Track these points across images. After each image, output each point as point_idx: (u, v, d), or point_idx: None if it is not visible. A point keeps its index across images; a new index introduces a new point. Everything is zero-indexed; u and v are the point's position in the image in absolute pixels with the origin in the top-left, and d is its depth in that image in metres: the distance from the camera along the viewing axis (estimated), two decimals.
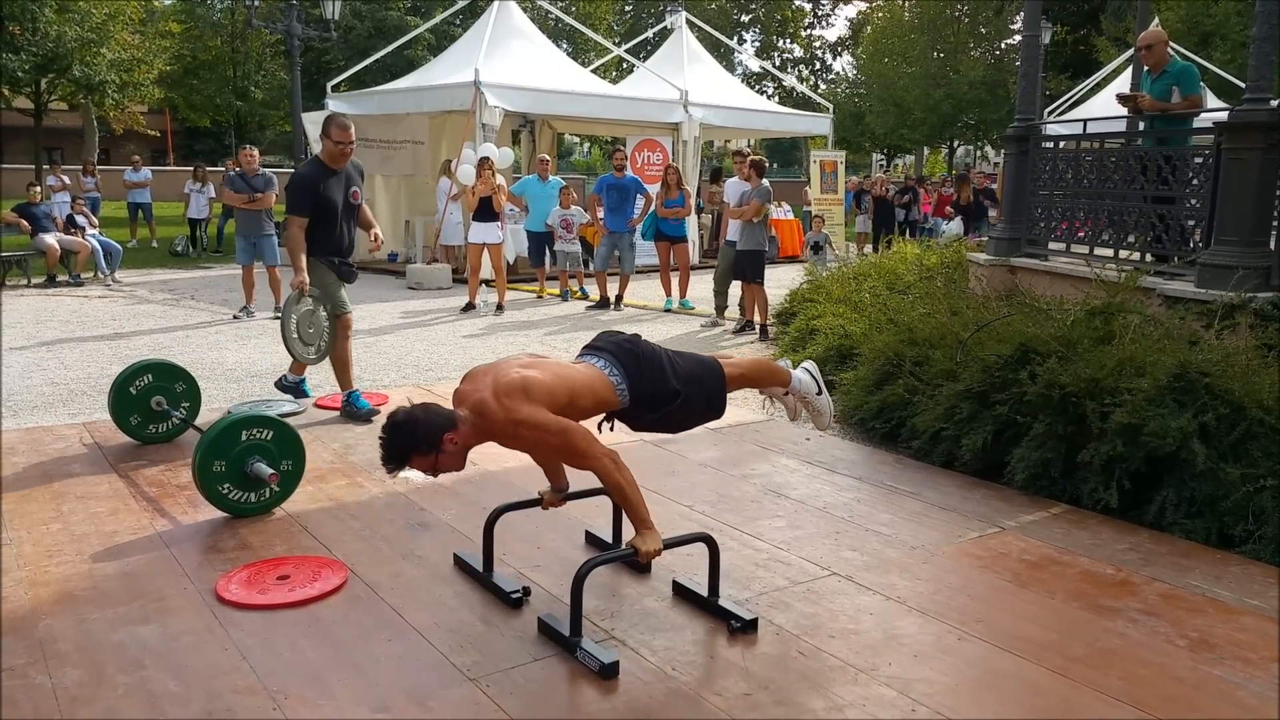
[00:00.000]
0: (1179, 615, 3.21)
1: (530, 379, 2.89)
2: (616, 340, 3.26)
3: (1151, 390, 4.08)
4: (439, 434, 2.83)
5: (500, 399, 2.84)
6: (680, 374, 3.19)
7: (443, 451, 2.84)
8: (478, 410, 2.87)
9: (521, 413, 2.83)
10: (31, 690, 2.65)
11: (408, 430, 2.82)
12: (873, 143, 37.40)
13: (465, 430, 2.89)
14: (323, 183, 5.43)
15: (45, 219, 12.05)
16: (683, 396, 3.16)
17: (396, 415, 2.85)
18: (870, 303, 7.15)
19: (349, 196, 5.58)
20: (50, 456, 4.78)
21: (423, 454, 2.83)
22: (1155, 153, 6.01)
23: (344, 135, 5.38)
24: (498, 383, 2.88)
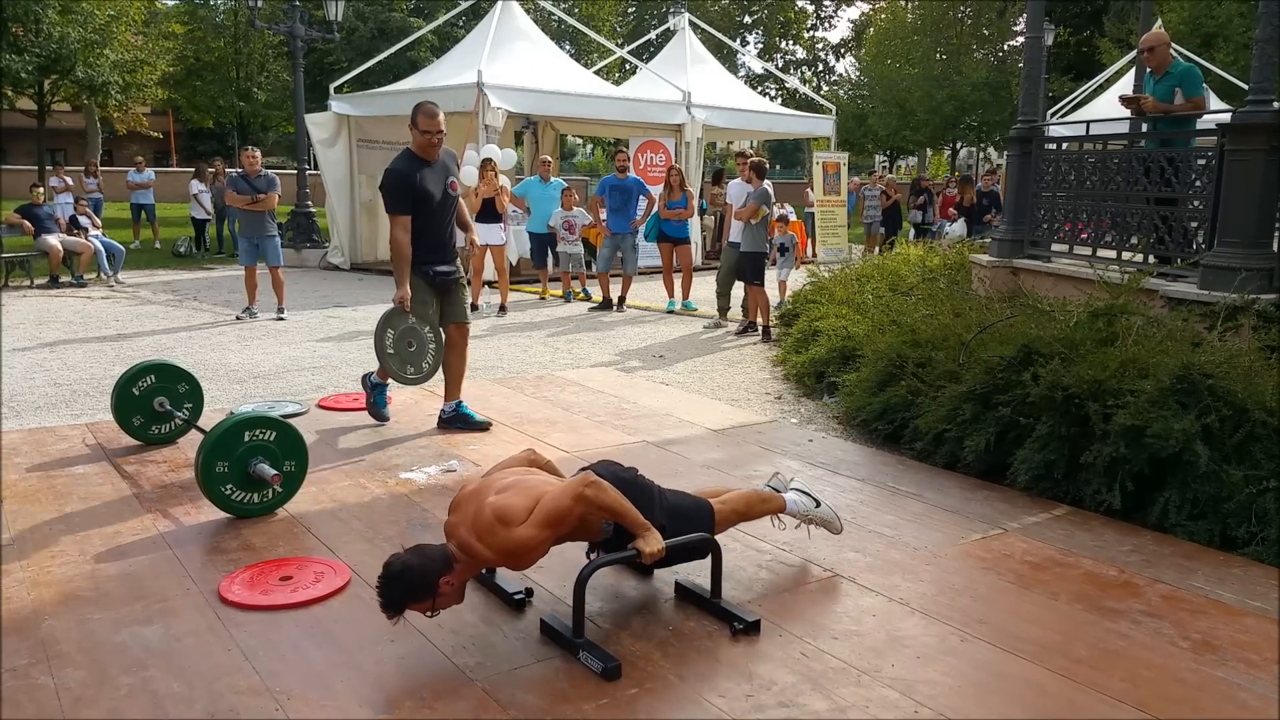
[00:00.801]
0: (1182, 617, 3.21)
1: (501, 508, 2.85)
2: (611, 468, 3.23)
3: (1154, 392, 4.08)
4: (434, 580, 2.81)
5: (483, 541, 2.85)
6: (668, 508, 3.19)
7: (440, 594, 2.83)
8: (466, 551, 2.88)
9: (505, 545, 2.84)
10: (34, 690, 2.66)
11: (404, 580, 2.79)
12: (875, 144, 37.41)
13: (459, 569, 2.88)
14: (418, 174, 5.03)
15: (48, 220, 12.08)
16: (666, 531, 3.11)
17: (392, 565, 2.80)
18: (873, 304, 7.16)
19: (448, 188, 5.19)
20: (53, 457, 4.78)
21: (419, 600, 2.81)
22: (1158, 154, 6.01)
23: (431, 124, 4.97)
24: (477, 524, 2.87)
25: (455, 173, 5.30)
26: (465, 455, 4.93)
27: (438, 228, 5.19)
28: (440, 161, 5.15)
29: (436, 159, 5.11)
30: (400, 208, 5.01)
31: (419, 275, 5.18)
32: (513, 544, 2.83)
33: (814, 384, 6.67)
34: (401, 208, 5.01)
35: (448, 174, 5.19)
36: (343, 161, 14.24)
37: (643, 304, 11.07)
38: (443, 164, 5.17)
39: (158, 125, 34.37)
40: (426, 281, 5.22)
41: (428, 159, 5.09)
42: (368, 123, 14.21)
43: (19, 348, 7.81)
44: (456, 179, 5.28)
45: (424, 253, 5.14)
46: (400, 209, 5.01)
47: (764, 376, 7.26)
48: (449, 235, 5.32)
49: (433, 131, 4.97)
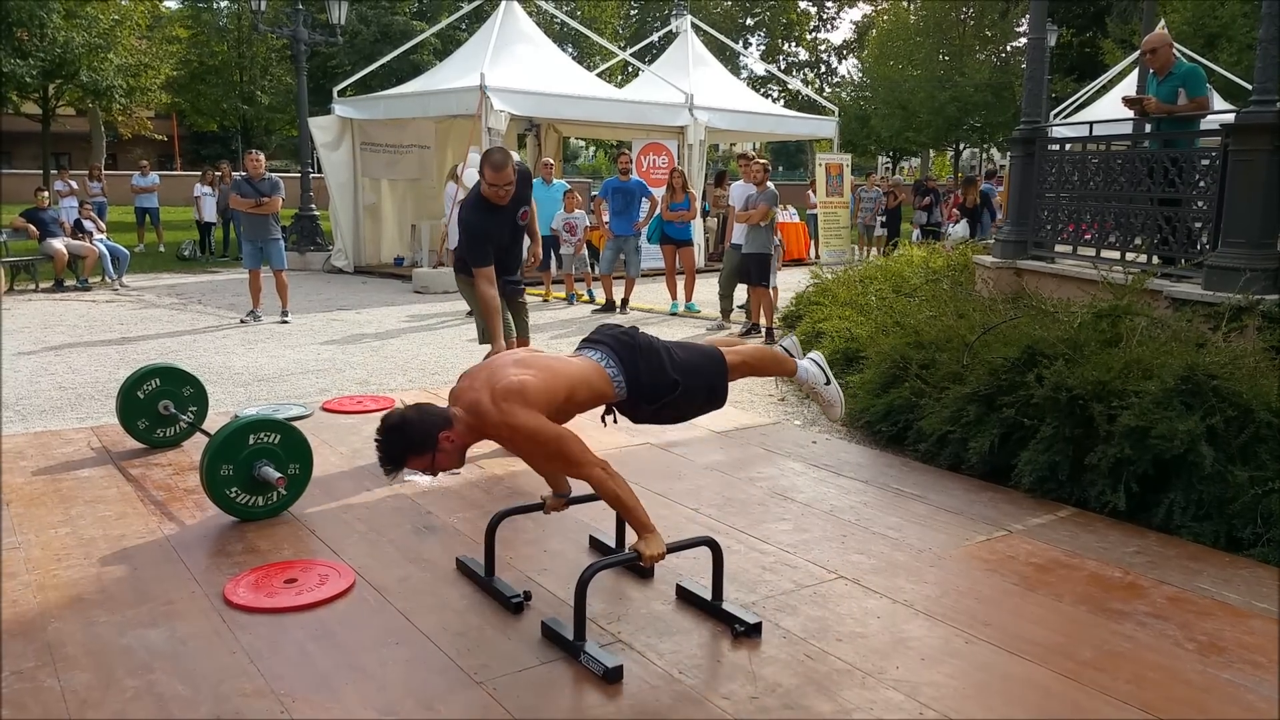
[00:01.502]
0: (1187, 618, 3.20)
1: (526, 384, 2.85)
2: (613, 333, 3.25)
3: (1159, 393, 4.07)
4: (434, 432, 2.82)
5: (497, 402, 2.82)
6: (679, 364, 3.18)
7: (440, 450, 2.83)
8: (473, 410, 2.86)
9: (518, 418, 2.81)
10: (40, 693, 2.66)
11: (402, 430, 2.81)
12: (878, 145, 37.37)
13: (460, 429, 2.88)
14: (494, 224, 4.96)
15: (53, 224, 12.11)
16: (682, 387, 3.15)
17: (390, 417, 2.83)
18: (876, 305, 7.16)
19: (517, 219, 5.12)
20: (58, 460, 4.80)
21: (419, 454, 2.81)
22: (1162, 155, 6.00)
23: (497, 178, 4.75)
24: (494, 386, 2.85)
25: (528, 198, 5.15)
26: (471, 455, 4.92)
27: (506, 252, 5.15)
28: (511, 204, 4.99)
29: (506, 202, 4.94)
30: (482, 261, 4.91)
31: None
32: (521, 422, 2.79)
33: None
34: (483, 261, 4.91)
35: (520, 205, 5.07)
36: (346, 165, 14.27)
37: (646, 306, 11.08)
38: (518, 197, 5.00)
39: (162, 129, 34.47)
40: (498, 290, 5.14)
41: (500, 204, 4.93)
42: (371, 126, 14.23)
43: (24, 351, 7.83)
44: (530, 207, 5.20)
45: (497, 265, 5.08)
46: (482, 262, 4.91)
47: (767, 379, 7.25)
48: (517, 257, 5.32)
49: (499, 185, 4.79)
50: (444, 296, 11.73)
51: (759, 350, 3.53)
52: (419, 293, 12.00)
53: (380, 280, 13.42)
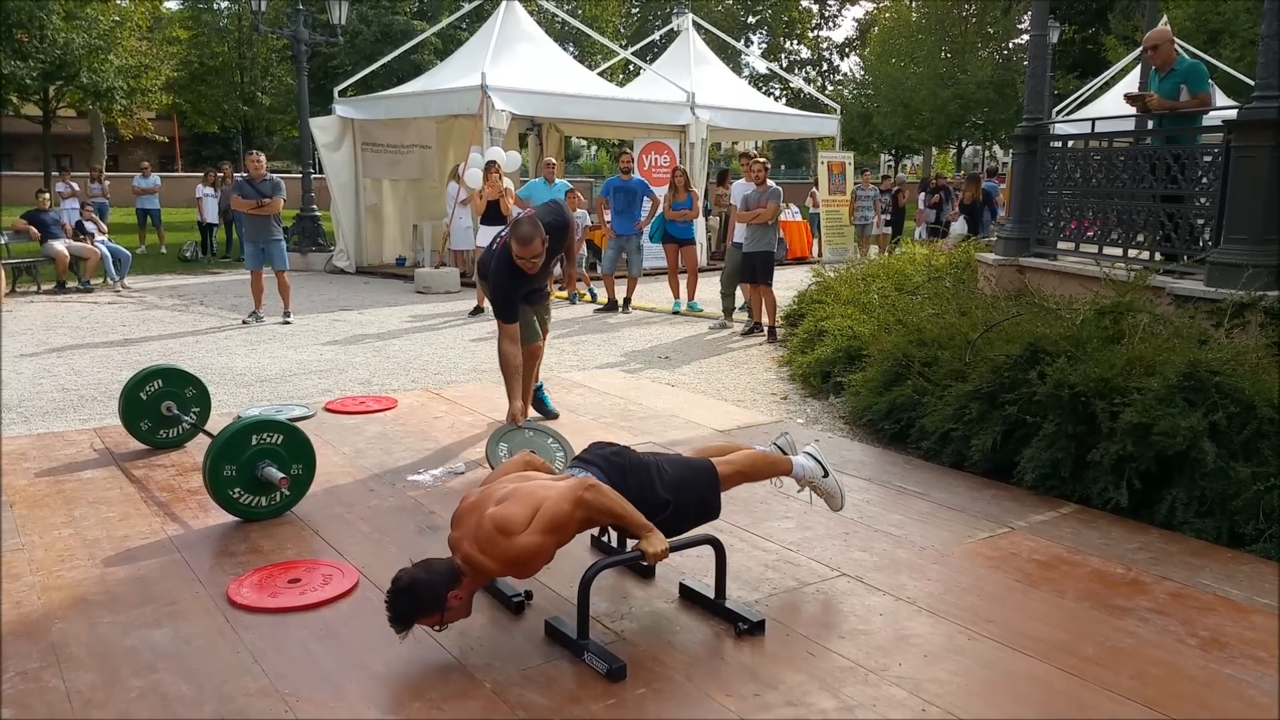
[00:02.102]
0: (1190, 614, 3.20)
1: (501, 519, 2.84)
2: (604, 453, 3.24)
3: (1161, 389, 4.07)
4: (442, 595, 2.82)
5: (486, 554, 2.84)
6: (669, 482, 3.18)
7: (448, 609, 2.83)
8: (470, 563, 2.88)
9: (509, 555, 2.82)
10: (45, 693, 2.67)
11: (413, 593, 2.80)
12: (880, 143, 37.35)
13: (466, 583, 2.89)
14: (523, 285, 4.98)
15: (54, 225, 12.13)
16: (673, 505, 3.13)
17: (400, 579, 2.81)
18: (879, 304, 7.16)
19: (548, 266, 5.17)
20: (61, 462, 4.81)
21: (428, 614, 2.82)
22: (1164, 151, 6.00)
23: (524, 251, 4.70)
24: (478, 537, 2.87)
25: (561, 248, 5.16)
26: (471, 458, 4.94)
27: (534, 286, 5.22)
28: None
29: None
30: (509, 319, 4.96)
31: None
32: (515, 553, 2.82)
33: (820, 384, 6.67)
34: (510, 319, 4.96)
35: (554, 255, 5.10)
36: (347, 165, 14.28)
37: (648, 305, 11.08)
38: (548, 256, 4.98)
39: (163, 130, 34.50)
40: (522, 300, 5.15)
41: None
42: (372, 126, 14.24)
43: (26, 353, 7.84)
44: (562, 254, 5.27)
45: None
46: (509, 320, 4.96)
47: (770, 377, 7.26)
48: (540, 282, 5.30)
49: (526, 258, 4.74)
50: (446, 297, 11.74)
51: (751, 457, 3.47)
52: (421, 293, 12.01)
53: (382, 281, 13.43)
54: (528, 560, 2.86)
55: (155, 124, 32.04)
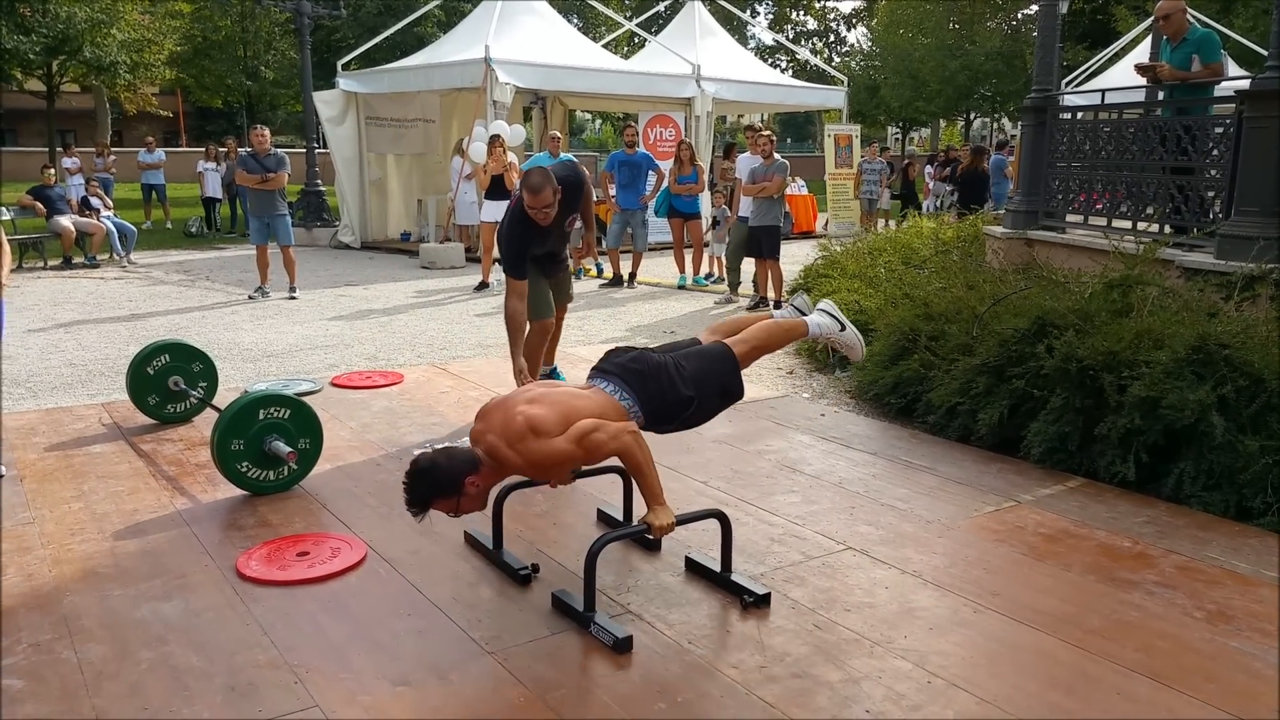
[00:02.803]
0: (1196, 587, 3.21)
1: (535, 418, 2.87)
2: (621, 361, 3.25)
3: (1170, 363, 4.05)
4: (460, 478, 2.85)
5: (513, 445, 2.87)
6: (688, 378, 3.20)
7: (464, 494, 2.86)
8: (493, 455, 2.91)
9: (535, 454, 2.86)
10: (58, 665, 2.69)
11: (429, 475, 2.84)
12: (888, 115, 37.09)
13: (485, 472, 2.91)
14: (536, 239, 4.89)
15: (60, 201, 12.12)
16: (696, 400, 3.19)
17: (419, 461, 2.86)
18: (885, 278, 7.13)
19: (563, 226, 5.01)
20: (70, 437, 4.83)
21: (444, 497, 2.85)
22: (1174, 123, 5.94)
23: (534, 201, 4.62)
24: (507, 429, 2.88)
25: (578, 205, 4.99)
26: None
27: (550, 254, 5.16)
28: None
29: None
30: (517, 274, 4.87)
31: (533, 265, 4.99)
32: (542, 454, 2.84)
33: (826, 359, 6.66)
34: (519, 274, 4.87)
35: (568, 214, 4.94)
36: (351, 139, 14.22)
37: (653, 280, 11.05)
38: (561, 209, 4.82)
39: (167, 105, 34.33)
40: (539, 270, 5.08)
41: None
42: (376, 100, 14.17)
43: (34, 328, 7.86)
44: (578, 212, 5.06)
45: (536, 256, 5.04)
46: (517, 275, 4.87)
47: (775, 352, 7.24)
48: (560, 249, 5.28)
49: (538, 208, 4.66)
50: (451, 272, 11.72)
51: (764, 327, 3.51)
52: (426, 268, 12.00)
53: (387, 256, 13.42)
54: (552, 465, 2.88)
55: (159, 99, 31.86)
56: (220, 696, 2.54)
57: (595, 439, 2.89)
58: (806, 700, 2.54)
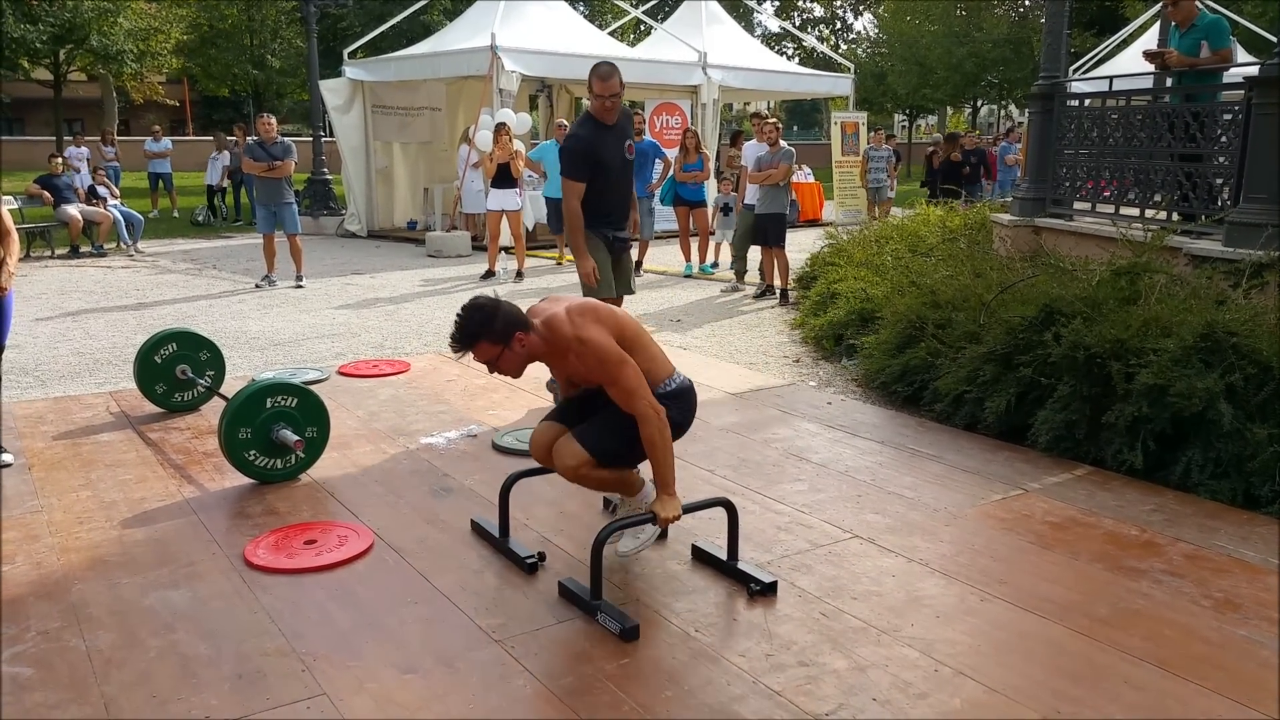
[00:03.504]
0: (1204, 576, 3.20)
1: (601, 309, 3.00)
2: None
3: (1178, 350, 4.04)
4: (513, 329, 2.92)
5: (572, 317, 2.96)
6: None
7: (510, 348, 2.93)
8: (549, 324, 2.97)
9: (588, 331, 2.92)
10: (67, 653, 2.71)
11: (488, 314, 2.90)
12: (895, 103, 36.91)
13: (534, 338, 2.97)
14: (602, 143, 4.88)
15: (67, 190, 12.13)
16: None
17: (480, 299, 2.95)
18: (892, 265, 7.11)
19: (624, 152, 5.02)
20: (78, 425, 4.84)
21: (492, 341, 2.91)
22: (1183, 109, 5.90)
23: (604, 88, 4.76)
24: (574, 304, 3.03)
25: (632, 136, 5.13)
26: (485, 420, 4.95)
27: (615, 191, 5.03)
28: (619, 125, 4.97)
29: (615, 122, 4.93)
30: (576, 174, 4.85)
31: (597, 235, 5.03)
32: (596, 340, 2.91)
33: (833, 347, 6.65)
34: (578, 174, 4.85)
35: (625, 138, 5.02)
36: (358, 128, 14.21)
37: (660, 268, 11.04)
38: (620, 128, 4.99)
39: (174, 94, 34.37)
40: (605, 243, 5.08)
41: (606, 122, 4.90)
42: (382, 88, 14.14)
43: (41, 317, 7.89)
44: (631, 142, 5.10)
45: (600, 216, 5.00)
46: (576, 175, 4.85)
47: (782, 340, 7.24)
48: (624, 202, 5.18)
49: (605, 95, 4.77)
50: (457, 260, 11.72)
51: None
52: (432, 257, 11.99)
53: (393, 244, 13.41)
54: (595, 355, 2.90)
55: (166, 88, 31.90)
56: (228, 684, 2.55)
57: (631, 377, 2.93)
58: (813, 688, 2.54)
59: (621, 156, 5.00)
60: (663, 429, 2.97)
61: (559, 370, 3.22)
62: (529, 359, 3.01)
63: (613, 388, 2.98)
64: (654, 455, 2.98)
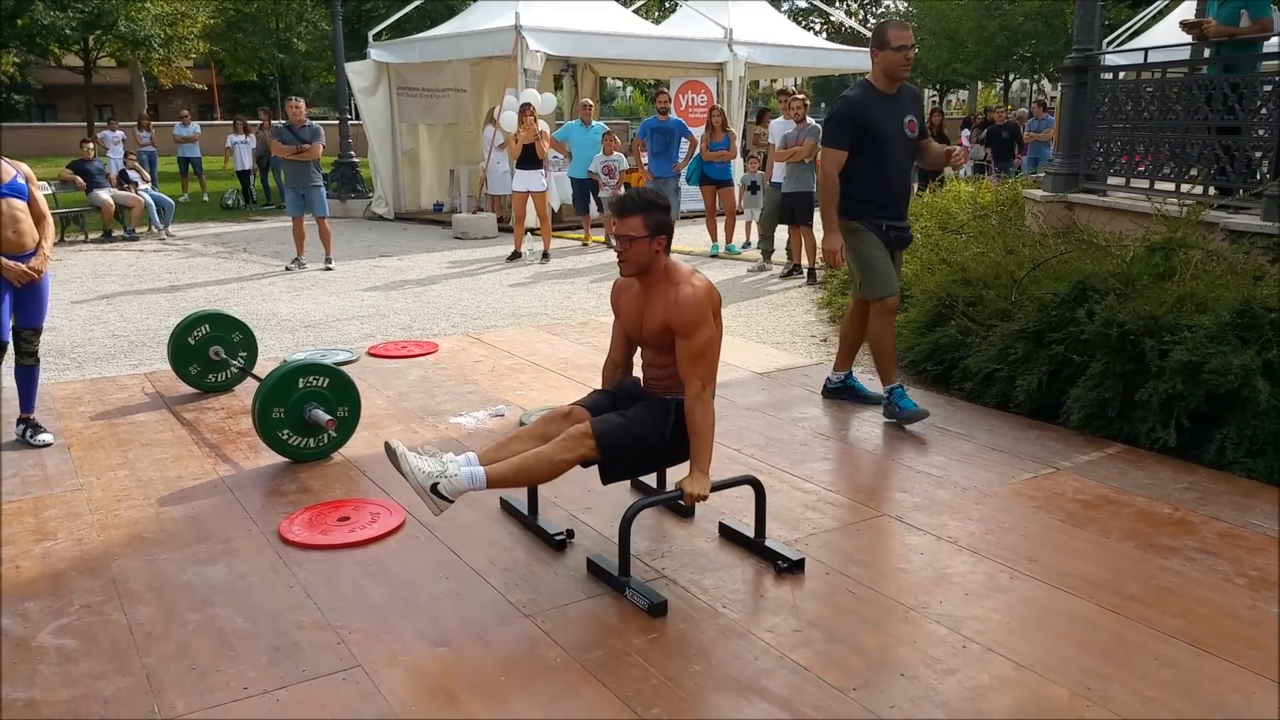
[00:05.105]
0: (1238, 554, 3.17)
1: (716, 296, 3.09)
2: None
3: (1213, 327, 3.98)
4: (665, 232, 3.07)
5: (698, 279, 3.07)
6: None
7: (656, 239, 3.04)
8: (668, 268, 3.09)
9: (701, 294, 3.01)
10: (108, 626, 2.77)
11: (663, 208, 3.07)
12: (924, 78, 36.41)
13: (664, 256, 3.09)
14: (872, 108, 4.38)
15: (99, 175, 12.27)
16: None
17: (653, 190, 3.15)
18: (922, 243, 7.04)
19: (905, 127, 4.45)
20: (114, 406, 4.92)
21: (648, 225, 3.02)
22: (1221, 81, 5.78)
23: (904, 36, 4.33)
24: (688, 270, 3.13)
25: (915, 111, 4.54)
26: (513, 400, 4.98)
27: (891, 172, 4.46)
28: (900, 96, 4.47)
29: (896, 91, 4.45)
30: (836, 140, 4.38)
31: (869, 227, 4.48)
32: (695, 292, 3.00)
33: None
34: (838, 141, 4.37)
35: (906, 112, 4.47)
36: (384, 110, 14.24)
37: (686, 248, 11.01)
38: (902, 100, 4.48)
39: (202, 79, 34.60)
40: (879, 235, 4.51)
41: (886, 91, 4.42)
42: (407, 70, 14.16)
43: (77, 300, 8.01)
44: (916, 118, 4.52)
45: (871, 203, 4.45)
46: (835, 141, 4.38)
47: (809, 319, 7.21)
48: (902, 186, 4.59)
49: (907, 46, 4.32)
50: (484, 242, 11.74)
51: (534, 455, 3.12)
52: (459, 239, 12.03)
53: (420, 226, 13.47)
54: (700, 313, 2.98)
55: (194, 73, 32.11)
56: (265, 656, 2.60)
57: (714, 353, 3.04)
58: (841, 663, 2.55)
59: (901, 132, 4.43)
60: (712, 411, 3.02)
61: (632, 311, 3.21)
62: (648, 263, 3.07)
63: (687, 341, 2.99)
64: (694, 427, 3.00)
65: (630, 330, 3.28)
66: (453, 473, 2.98)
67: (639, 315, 3.17)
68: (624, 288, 3.28)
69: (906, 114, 4.48)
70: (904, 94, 4.51)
